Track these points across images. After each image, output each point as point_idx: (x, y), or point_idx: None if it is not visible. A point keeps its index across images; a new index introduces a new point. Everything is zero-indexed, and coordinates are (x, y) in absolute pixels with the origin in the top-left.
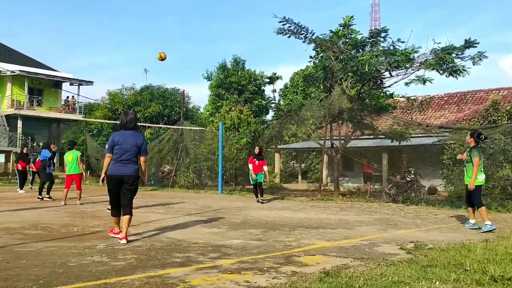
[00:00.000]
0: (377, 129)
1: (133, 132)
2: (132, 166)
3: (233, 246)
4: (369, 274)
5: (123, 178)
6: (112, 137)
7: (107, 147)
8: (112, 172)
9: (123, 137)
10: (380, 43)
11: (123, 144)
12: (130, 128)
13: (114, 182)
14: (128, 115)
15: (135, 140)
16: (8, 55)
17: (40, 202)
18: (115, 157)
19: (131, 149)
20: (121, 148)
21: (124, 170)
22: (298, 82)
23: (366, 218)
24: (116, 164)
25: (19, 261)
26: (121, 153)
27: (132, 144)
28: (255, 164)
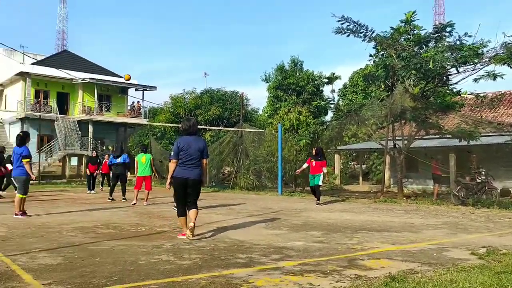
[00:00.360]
0: (443, 128)
1: (196, 137)
2: (196, 171)
3: (295, 248)
4: (438, 280)
5: (187, 182)
6: (176, 143)
7: (172, 153)
8: (178, 175)
9: (187, 142)
10: (445, 39)
11: (188, 149)
12: (193, 133)
13: (180, 184)
14: (190, 121)
15: (198, 144)
16: (79, 64)
17: (108, 202)
18: (180, 162)
19: (195, 153)
20: (186, 153)
21: (189, 174)
22: (358, 81)
23: (433, 221)
24: (182, 168)
25: (94, 259)
26: (186, 158)
27: (195, 149)
28: (312, 165)
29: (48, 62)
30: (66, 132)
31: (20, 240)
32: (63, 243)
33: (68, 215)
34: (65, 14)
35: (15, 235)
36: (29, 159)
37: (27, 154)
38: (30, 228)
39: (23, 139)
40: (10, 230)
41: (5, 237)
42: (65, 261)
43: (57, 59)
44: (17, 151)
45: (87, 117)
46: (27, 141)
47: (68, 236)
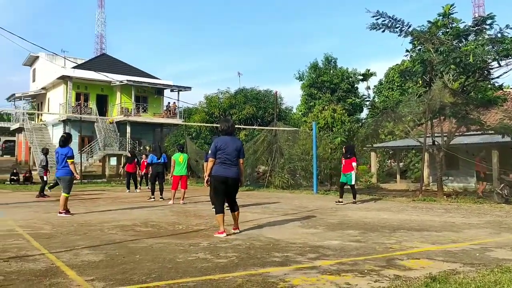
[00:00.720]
0: (485, 124)
1: (233, 137)
2: (235, 169)
3: (331, 247)
4: (481, 281)
5: (227, 180)
6: (214, 143)
7: (210, 152)
8: (217, 173)
9: (225, 142)
10: (485, 31)
11: (226, 148)
12: (231, 133)
13: (219, 182)
14: (229, 122)
15: (235, 144)
16: (116, 67)
17: (148, 201)
18: (219, 161)
19: (232, 153)
20: (224, 152)
21: (228, 173)
22: (394, 77)
23: (475, 220)
24: (221, 166)
25: (133, 256)
26: (224, 157)
27: (233, 148)
28: (342, 163)
29: (87, 66)
30: (105, 133)
31: (64, 238)
32: (104, 241)
33: (109, 213)
34: (103, 18)
35: (59, 232)
36: (73, 160)
37: (72, 155)
38: (73, 226)
39: (66, 140)
40: (55, 228)
41: (50, 235)
42: (107, 258)
43: (96, 63)
44: (62, 151)
45: (125, 118)
46: (70, 142)
47: (109, 234)
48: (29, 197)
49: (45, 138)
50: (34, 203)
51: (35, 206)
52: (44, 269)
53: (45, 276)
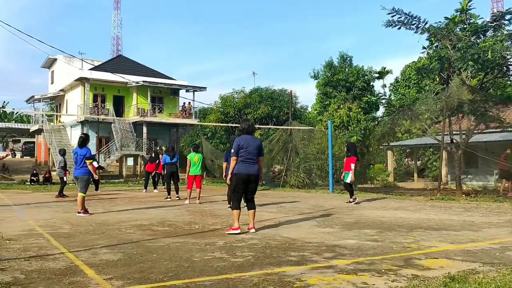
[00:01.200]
0: (504, 121)
1: (253, 136)
2: (256, 167)
3: (348, 246)
4: (502, 281)
5: (249, 177)
6: (237, 142)
7: (232, 151)
8: (241, 171)
9: (246, 141)
10: (504, 27)
11: (248, 147)
12: (251, 133)
13: (242, 180)
14: (249, 121)
15: (256, 143)
16: (132, 68)
17: (165, 201)
18: (241, 159)
19: (253, 151)
20: (246, 151)
21: (251, 170)
22: (410, 75)
23: (495, 219)
24: (243, 164)
25: (151, 255)
26: (246, 155)
27: (254, 147)
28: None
29: (104, 67)
30: (122, 134)
31: (83, 237)
32: (122, 240)
33: (126, 213)
34: (119, 20)
35: (78, 232)
36: (92, 160)
37: (91, 156)
38: (91, 225)
39: (84, 141)
40: (74, 228)
41: (69, 234)
42: (125, 257)
43: (113, 64)
44: (80, 152)
45: (141, 119)
46: (87, 142)
47: (126, 233)
48: (49, 197)
49: (63, 139)
50: (53, 203)
51: (55, 206)
52: (63, 268)
53: (65, 274)
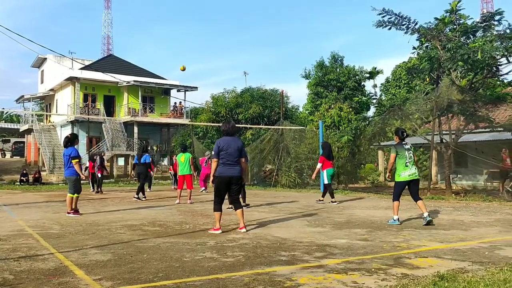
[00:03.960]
0: (494, 121)
1: (234, 138)
2: (238, 168)
3: (338, 245)
4: (490, 280)
5: (231, 179)
6: (217, 144)
7: (213, 153)
8: (222, 174)
9: (227, 143)
10: (494, 27)
11: (228, 149)
12: (232, 134)
13: (224, 182)
14: (230, 123)
15: (237, 144)
16: (123, 67)
17: (156, 201)
18: (222, 161)
19: (234, 153)
20: (227, 152)
21: (232, 172)
22: (401, 75)
23: (485, 218)
24: (225, 166)
25: (141, 255)
26: (227, 157)
27: (235, 148)
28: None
29: (95, 67)
30: (113, 134)
31: (73, 237)
32: (112, 240)
33: (117, 213)
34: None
35: (68, 232)
36: (78, 160)
37: (76, 155)
38: (81, 225)
39: (69, 141)
40: (63, 228)
41: (59, 235)
42: (115, 257)
43: (103, 64)
44: (66, 152)
45: (132, 118)
46: (76, 143)
47: (117, 234)
48: (38, 197)
49: (53, 139)
50: (43, 203)
51: (45, 206)
52: (53, 269)
53: (54, 275)
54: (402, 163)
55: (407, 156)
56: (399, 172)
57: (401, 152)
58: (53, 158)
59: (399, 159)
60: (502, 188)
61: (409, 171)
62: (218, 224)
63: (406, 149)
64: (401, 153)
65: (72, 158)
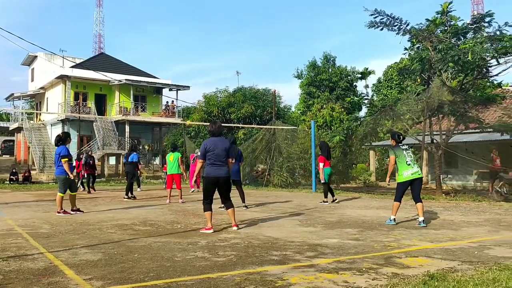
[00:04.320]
0: (483, 122)
1: (221, 138)
2: (225, 168)
3: (330, 245)
4: (480, 279)
5: (218, 179)
6: (203, 145)
7: (199, 154)
8: (209, 174)
9: (214, 143)
10: (484, 29)
11: (215, 149)
12: (218, 135)
13: (211, 182)
14: (216, 124)
15: (224, 145)
16: (115, 66)
17: (147, 200)
18: (209, 162)
19: (221, 153)
20: (214, 153)
21: (219, 172)
22: (393, 76)
23: (474, 218)
24: (212, 167)
25: (132, 255)
26: (214, 158)
27: (222, 149)
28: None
29: (86, 65)
30: (104, 132)
31: (63, 237)
32: (103, 240)
33: (107, 212)
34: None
35: (57, 232)
36: (67, 159)
37: (66, 154)
38: (71, 225)
39: (60, 140)
40: (53, 227)
41: (48, 234)
42: (105, 257)
43: (95, 62)
44: (56, 151)
45: (124, 117)
46: (68, 142)
47: (107, 233)
48: (28, 196)
49: (43, 138)
50: (33, 202)
51: (34, 205)
52: (42, 268)
53: (44, 275)
54: (403, 163)
55: (406, 155)
56: (401, 171)
57: (399, 153)
58: (43, 157)
59: (399, 160)
60: (491, 188)
61: (412, 169)
62: (210, 223)
63: (404, 149)
64: (399, 154)
65: (61, 157)
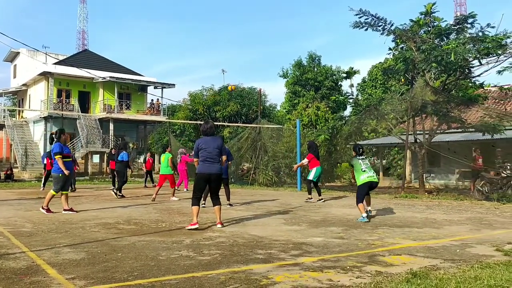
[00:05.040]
0: (465, 122)
1: (213, 137)
2: (217, 166)
3: (314, 244)
4: (462, 277)
5: (210, 176)
6: (196, 144)
7: (193, 153)
8: (201, 171)
9: (206, 142)
10: (467, 30)
11: (207, 148)
12: (211, 134)
13: (203, 178)
14: (208, 124)
15: (216, 143)
16: (99, 63)
17: (132, 199)
18: (202, 159)
19: (213, 151)
20: (206, 151)
21: (211, 169)
22: (377, 75)
23: (456, 217)
24: (204, 164)
25: (116, 254)
26: (206, 155)
27: (214, 147)
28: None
29: (69, 62)
30: (88, 130)
31: (45, 236)
32: (86, 239)
33: (91, 211)
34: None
35: (40, 230)
36: (61, 155)
37: (57, 150)
38: (54, 224)
39: (52, 138)
40: (36, 226)
41: (30, 233)
42: (88, 256)
43: (78, 59)
44: (51, 149)
45: (108, 115)
46: (63, 138)
47: (91, 232)
48: (10, 194)
49: (26, 135)
50: (15, 201)
51: (16, 204)
52: (24, 268)
53: (26, 274)
54: (359, 170)
55: (362, 163)
56: (359, 177)
57: (355, 162)
58: (26, 155)
59: (355, 168)
60: (473, 187)
61: (367, 174)
62: (195, 218)
63: (361, 159)
64: (356, 163)
65: (54, 154)
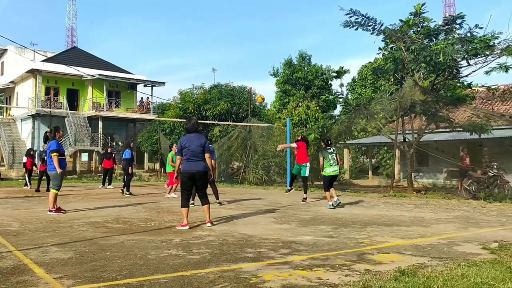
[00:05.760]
0: (453, 122)
1: (196, 134)
2: (201, 164)
3: (304, 242)
4: (449, 275)
5: (194, 175)
6: (180, 142)
7: (177, 151)
8: (186, 170)
9: (189, 140)
10: (455, 31)
11: (191, 146)
12: (194, 131)
13: (188, 177)
14: (190, 121)
15: (199, 141)
16: (88, 61)
17: (121, 198)
18: (186, 157)
19: (197, 149)
20: (189, 149)
21: (195, 167)
22: (367, 75)
23: (444, 215)
24: (188, 162)
25: (104, 253)
26: (190, 153)
27: (197, 145)
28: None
29: (58, 59)
30: (77, 128)
31: (32, 235)
32: (74, 238)
33: (79, 210)
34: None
35: (27, 229)
36: (57, 153)
37: (54, 148)
38: (42, 223)
39: (47, 137)
40: (23, 225)
41: (18, 232)
42: (76, 255)
43: (67, 56)
44: (47, 147)
45: (97, 113)
46: (58, 135)
47: (79, 231)
48: None
49: (13, 133)
50: (2, 199)
51: (4, 203)
52: (11, 267)
53: (12, 273)
54: (327, 163)
55: (330, 158)
56: (326, 168)
57: (326, 155)
58: (13, 153)
59: (325, 160)
60: (460, 186)
61: (332, 168)
62: (186, 220)
63: (330, 153)
64: (326, 156)
65: (51, 151)
